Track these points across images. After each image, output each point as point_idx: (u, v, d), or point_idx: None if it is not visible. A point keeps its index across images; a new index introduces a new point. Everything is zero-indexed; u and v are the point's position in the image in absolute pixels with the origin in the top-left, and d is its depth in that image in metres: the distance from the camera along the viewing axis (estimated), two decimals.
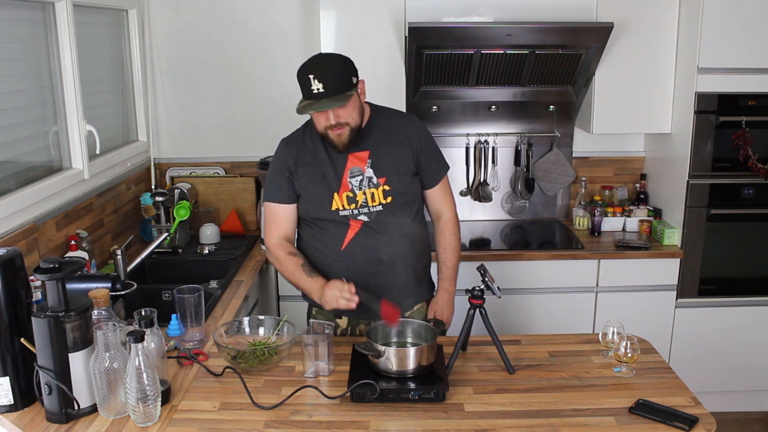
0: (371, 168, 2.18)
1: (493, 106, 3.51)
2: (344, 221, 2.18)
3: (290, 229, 2.25)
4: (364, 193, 2.17)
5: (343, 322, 2.30)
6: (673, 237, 3.24)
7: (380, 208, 2.18)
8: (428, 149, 2.28)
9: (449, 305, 2.31)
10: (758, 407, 3.44)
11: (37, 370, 1.67)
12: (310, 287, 2.14)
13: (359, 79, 2.14)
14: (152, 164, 3.52)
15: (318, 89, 2.01)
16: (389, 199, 2.18)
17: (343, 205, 2.17)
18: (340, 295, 2.02)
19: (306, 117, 2.21)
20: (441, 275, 2.33)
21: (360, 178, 2.17)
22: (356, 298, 2.02)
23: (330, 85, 2.01)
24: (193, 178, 3.51)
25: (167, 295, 2.54)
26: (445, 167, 2.34)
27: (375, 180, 2.17)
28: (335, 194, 2.17)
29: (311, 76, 2.01)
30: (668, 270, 3.21)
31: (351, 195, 2.17)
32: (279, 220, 2.23)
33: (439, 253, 2.35)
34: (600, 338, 2.01)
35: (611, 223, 3.47)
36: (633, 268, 3.18)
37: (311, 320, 2.26)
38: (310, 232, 2.26)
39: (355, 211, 2.17)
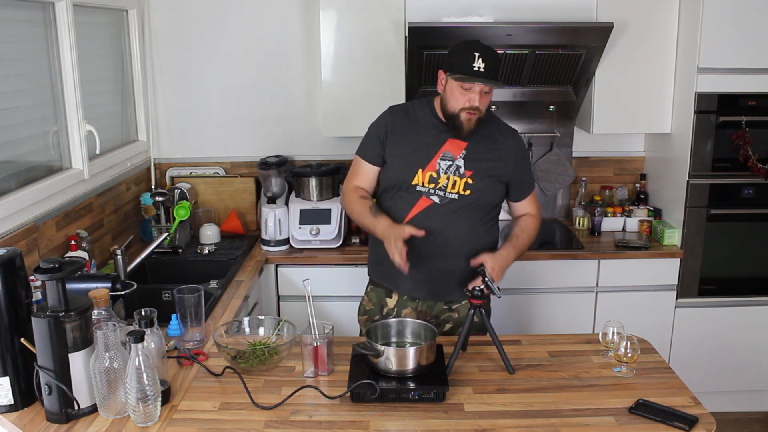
0: (463, 159, 2.25)
1: (493, 106, 3.51)
2: (417, 195, 2.25)
3: (368, 185, 2.38)
4: (448, 178, 2.24)
5: (392, 301, 2.37)
6: (673, 237, 3.24)
7: (455, 197, 2.24)
8: (522, 166, 2.37)
9: (502, 261, 2.20)
10: (758, 407, 3.44)
11: (37, 370, 1.67)
12: (373, 224, 2.24)
13: None
14: (152, 164, 3.52)
15: (479, 68, 2.10)
16: (468, 192, 2.24)
17: (423, 182, 2.25)
18: (394, 250, 2.10)
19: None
20: (504, 244, 2.31)
21: (450, 163, 2.25)
22: (397, 258, 2.09)
23: (490, 68, 2.11)
24: (193, 178, 3.51)
25: (167, 295, 2.54)
26: (532, 186, 2.43)
27: (462, 170, 2.25)
28: (419, 170, 2.25)
29: (477, 54, 2.10)
30: (668, 270, 3.21)
31: (434, 175, 2.24)
32: (361, 174, 2.37)
33: (512, 230, 2.37)
34: (600, 338, 2.01)
35: (611, 223, 3.47)
36: (633, 268, 3.18)
37: (364, 295, 2.43)
38: (385, 199, 2.34)
39: (432, 191, 2.24)
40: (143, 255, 2.69)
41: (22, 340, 1.69)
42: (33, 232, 2.35)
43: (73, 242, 2.55)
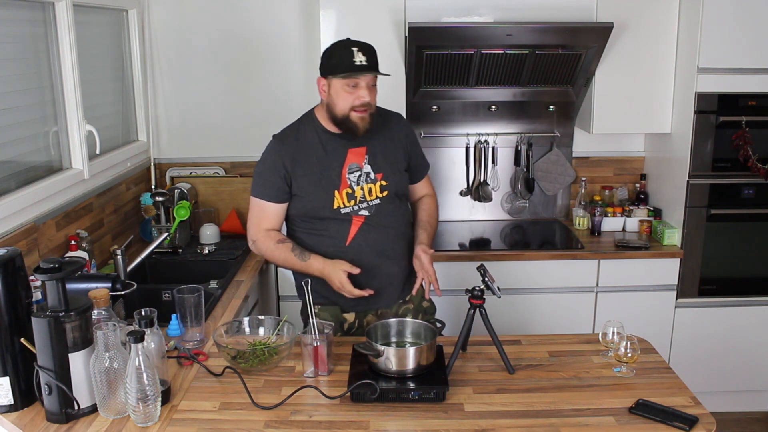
0: (368, 164, 2.22)
1: (493, 106, 3.51)
2: (346, 218, 2.20)
3: (279, 226, 2.28)
4: (362, 189, 2.20)
5: (350, 316, 2.32)
6: (673, 237, 3.24)
7: (378, 201, 2.23)
8: (415, 147, 2.38)
9: (431, 255, 2.25)
10: (758, 407, 3.44)
11: (37, 370, 1.67)
12: (306, 267, 2.18)
13: None
14: (152, 164, 3.52)
15: (362, 61, 2.06)
16: (385, 193, 2.23)
17: (343, 203, 2.19)
18: (345, 289, 2.12)
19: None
20: (419, 232, 2.31)
21: (358, 173, 2.20)
22: (356, 292, 2.12)
23: (372, 60, 2.10)
24: (193, 178, 3.51)
25: (167, 295, 2.54)
26: (427, 165, 2.46)
27: (373, 175, 2.22)
28: (336, 192, 2.18)
29: (355, 49, 2.07)
30: (668, 270, 3.21)
31: (350, 191, 2.19)
32: (269, 216, 2.24)
33: (420, 216, 2.38)
34: (600, 338, 2.01)
35: (611, 223, 3.47)
36: (633, 268, 3.18)
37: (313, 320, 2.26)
38: (308, 230, 2.25)
39: (356, 207, 2.20)
40: (143, 255, 2.69)
41: (22, 340, 1.69)
42: (33, 232, 2.35)
43: (73, 242, 2.55)
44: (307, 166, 2.18)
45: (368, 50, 2.10)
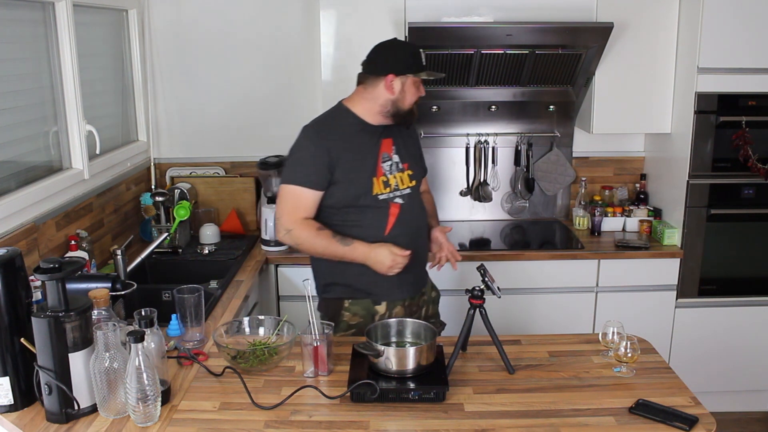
0: (396, 154, 2.32)
1: (493, 106, 3.51)
2: (384, 205, 2.27)
3: (313, 214, 2.26)
4: (395, 177, 2.30)
5: (381, 308, 2.34)
6: (673, 237, 3.24)
7: (409, 191, 2.32)
8: (420, 146, 2.52)
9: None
10: (758, 407, 3.44)
11: (37, 370, 1.67)
12: (350, 252, 2.20)
13: None
14: (152, 164, 3.52)
15: (424, 62, 2.25)
16: (413, 182, 2.34)
17: (381, 190, 2.26)
18: (394, 259, 2.16)
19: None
20: (430, 221, 2.50)
21: (390, 162, 2.30)
22: (406, 252, 2.19)
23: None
24: (193, 178, 3.51)
25: (167, 295, 2.54)
26: (426, 168, 2.58)
27: (401, 165, 2.33)
28: (374, 179, 2.25)
29: (420, 51, 2.25)
30: (668, 270, 3.21)
31: (385, 179, 2.27)
32: (306, 205, 2.22)
33: (426, 208, 2.50)
34: (600, 338, 2.01)
35: (611, 223, 3.47)
36: (633, 268, 3.18)
37: (343, 312, 2.33)
38: (343, 223, 2.26)
39: (391, 195, 2.28)
40: (143, 255, 2.69)
41: (22, 340, 1.69)
42: (33, 232, 2.35)
43: (73, 242, 2.55)
44: (349, 153, 2.23)
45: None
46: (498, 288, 2.04)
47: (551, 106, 3.52)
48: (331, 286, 2.35)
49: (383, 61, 2.23)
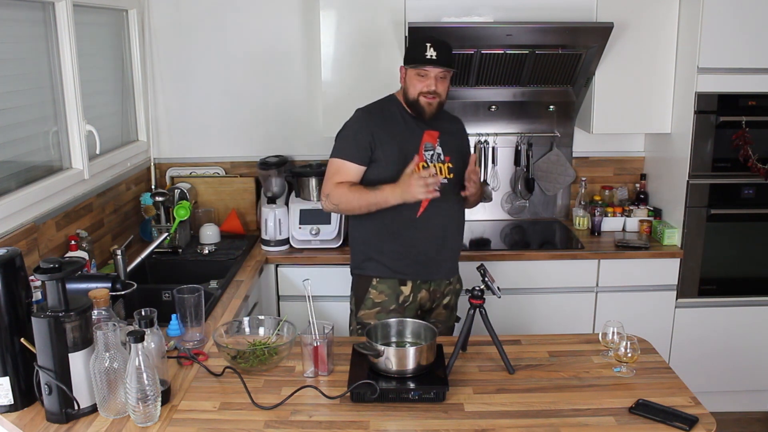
0: (440, 146, 2.46)
1: (493, 106, 3.51)
2: None
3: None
4: (434, 166, 2.42)
5: (407, 289, 2.48)
6: (673, 237, 3.24)
7: (446, 181, 2.42)
8: (469, 147, 2.68)
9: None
10: (758, 407, 3.44)
11: (37, 370, 1.67)
12: (384, 195, 2.32)
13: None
14: (152, 164, 3.52)
15: (432, 56, 2.34)
16: (452, 175, 2.46)
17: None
18: (421, 177, 2.20)
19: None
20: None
21: (432, 152, 2.44)
22: (438, 176, 2.28)
23: (441, 56, 2.35)
24: (193, 178, 3.51)
25: (167, 295, 2.54)
26: None
27: (442, 157, 2.46)
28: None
29: (428, 44, 2.34)
30: (668, 270, 3.21)
31: (425, 166, 2.38)
32: (346, 174, 2.41)
33: None
34: (600, 338, 2.01)
35: (611, 223, 3.47)
36: (633, 268, 3.18)
37: (370, 289, 2.48)
38: None
39: None
40: (143, 255, 2.69)
41: (22, 340, 1.69)
42: (33, 232, 2.35)
43: (73, 242, 2.55)
44: (390, 136, 2.42)
45: (441, 47, 2.35)
46: (498, 288, 2.04)
47: (551, 106, 3.52)
48: (366, 263, 2.52)
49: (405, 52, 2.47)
